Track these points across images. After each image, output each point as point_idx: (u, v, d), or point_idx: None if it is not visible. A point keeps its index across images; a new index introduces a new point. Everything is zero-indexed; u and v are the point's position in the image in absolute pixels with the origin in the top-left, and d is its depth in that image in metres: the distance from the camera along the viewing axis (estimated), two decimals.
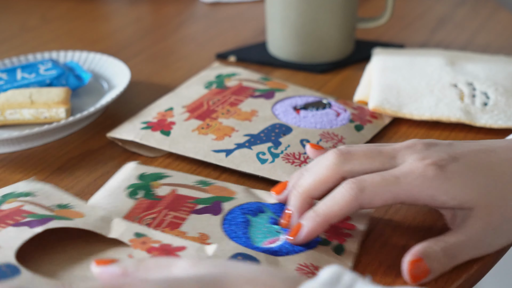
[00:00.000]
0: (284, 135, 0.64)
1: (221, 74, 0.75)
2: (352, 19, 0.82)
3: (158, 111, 0.69)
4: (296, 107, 0.69)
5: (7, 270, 0.46)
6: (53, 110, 0.70)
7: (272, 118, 0.67)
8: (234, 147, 0.63)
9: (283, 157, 0.61)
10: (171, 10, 1.05)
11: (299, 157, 0.62)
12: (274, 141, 0.63)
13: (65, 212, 0.53)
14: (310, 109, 0.69)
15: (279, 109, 0.69)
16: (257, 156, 0.62)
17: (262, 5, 1.00)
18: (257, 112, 0.68)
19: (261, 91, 0.71)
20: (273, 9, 0.81)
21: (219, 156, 0.62)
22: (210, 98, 0.70)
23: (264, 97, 0.70)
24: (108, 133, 0.67)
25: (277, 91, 0.72)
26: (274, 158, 0.61)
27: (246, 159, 0.62)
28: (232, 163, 0.62)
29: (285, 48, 0.83)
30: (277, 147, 0.63)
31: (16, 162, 0.66)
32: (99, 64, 0.80)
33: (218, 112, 0.68)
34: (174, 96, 0.72)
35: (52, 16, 1.05)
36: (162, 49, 0.92)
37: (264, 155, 0.62)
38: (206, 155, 0.63)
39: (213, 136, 0.64)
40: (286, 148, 0.63)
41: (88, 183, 0.62)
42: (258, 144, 0.63)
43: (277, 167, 0.61)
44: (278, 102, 0.70)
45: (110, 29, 1.05)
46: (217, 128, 0.65)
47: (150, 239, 0.51)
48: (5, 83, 0.75)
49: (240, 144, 0.63)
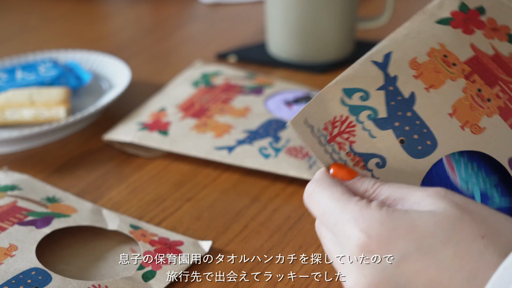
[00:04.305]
0: None
1: (206, 73, 0.76)
2: (352, 19, 0.82)
3: (150, 111, 0.69)
4: (288, 102, 0.69)
5: (36, 276, 0.46)
6: (53, 110, 0.70)
7: (267, 114, 0.67)
8: (235, 143, 0.63)
9: (286, 151, 0.62)
10: (171, 10, 1.05)
11: (300, 151, 0.62)
12: (274, 136, 0.64)
13: (58, 207, 0.54)
14: (301, 103, 0.69)
15: (271, 105, 0.69)
16: (259, 151, 0.62)
17: (262, 6, 1.00)
18: (250, 108, 0.68)
19: (250, 88, 0.72)
20: (273, 9, 0.81)
21: (222, 153, 0.62)
22: (200, 97, 0.70)
23: (254, 94, 0.71)
24: (104, 136, 0.67)
25: (265, 86, 0.72)
26: (277, 153, 0.62)
27: (249, 154, 0.62)
28: (236, 159, 0.62)
29: (285, 48, 0.83)
30: (278, 141, 0.63)
31: (16, 162, 0.66)
32: (99, 64, 0.81)
33: (212, 111, 0.68)
34: (163, 96, 0.72)
35: (52, 16, 1.05)
36: (162, 49, 0.92)
37: (266, 150, 0.62)
38: (208, 153, 0.63)
39: (213, 133, 0.65)
40: (287, 142, 0.63)
41: (88, 183, 0.63)
42: (258, 140, 0.63)
43: (282, 161, 0.61)
44: (269, 97, 0.70)
45: (110, 29, 1.05)
46: (214, 126, 0.66)
47: (147, 231, 0.52)
48: (5, 83, 0.75)
49: (241, 141, 0.63)
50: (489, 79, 0.46)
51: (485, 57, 0.47)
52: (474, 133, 0.45)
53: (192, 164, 0.64)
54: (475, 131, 0.45)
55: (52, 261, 0.51)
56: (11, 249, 0.48)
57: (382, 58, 0.44)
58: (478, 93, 0.46)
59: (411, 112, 0.43)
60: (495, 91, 0.46)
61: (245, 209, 0.58)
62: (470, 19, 0.48)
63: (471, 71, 0.46)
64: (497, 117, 0.46)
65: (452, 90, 0.45)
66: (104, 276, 0.50)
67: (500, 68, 0.47)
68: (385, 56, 0.44)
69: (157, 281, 0.48)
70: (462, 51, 0.47)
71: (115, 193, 0.61)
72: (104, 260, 0.51)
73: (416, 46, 0.46)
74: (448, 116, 0.44)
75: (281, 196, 0.59)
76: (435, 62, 0.46)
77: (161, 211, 0.58)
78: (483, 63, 0.47)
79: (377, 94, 0.43)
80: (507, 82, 0.47)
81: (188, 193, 0.61)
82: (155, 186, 0.62)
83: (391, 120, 0.43)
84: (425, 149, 0.43)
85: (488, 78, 0.46)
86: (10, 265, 0.47)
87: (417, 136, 0.43)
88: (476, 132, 0.45)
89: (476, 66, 0.47)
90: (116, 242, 0.53)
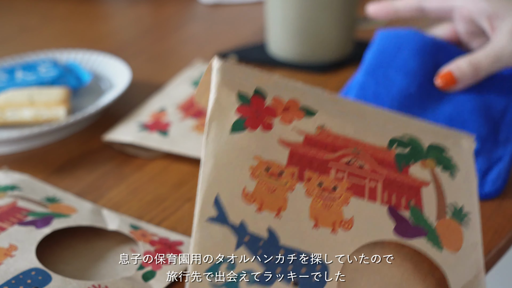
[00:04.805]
0: None
1: None
2: (352, 19, 0.82)
3: (150, 112, 0.69)
4: None
5: (36, 276, 0.46)
6: (53, 110, 0.70)
7: None
8: None
9: None
10: (171, 10, 1.05)
11: None
12: None
13: (58, 208, 0.54)
14: None
15: None
16: None
17: (262, 6, 1.00)
18: None
19: None
20: (273, 9, 0.81)
21: None
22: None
23: None
24: (104, 136, 0.67)
25: None
26: None
27: None
28: None
29: (285, 48, 0.83)
30: None
31: (16, 162, 0.66)
32: (99, 64, 0.80)
33: None
34: (163, 96, 0.72)
35: (52, 16, 1.05)
36: (162, 49, 0.92)
37: None
38: None
39: None
40: None
41: (88, 183, 0.62)
42: None
43: None
44: None
45: (110, 29, 1.05)
46: None
47: (147, 231, 0.52)
48: (5, 83, 0.75)
49: None
50: (320, 167, 0.43)
51: (300, 147, 0.43)
52: (347, 230, 0.41)
53: (192, 164, 0.64)
54: (346, 227, 0.41)
55: (52, 261, 0.51)
56: (11, 249, 0.48)
57: (214, 209, 0.39)
58: (321, 188, 0.42)
59: (282, 249, 0.39)
60: (332, 176, 0.43)
61: None
62: (258, 111, 0.43)
63: (300, 169, 0.42)
64: (354, 200, 0.42)
65: (299, 201, 0.41)
66: (104, 276, 0.50)
67: (320, 150, 0.43)
68: (215, 206, 0.39)
69: (157, 281, 0.48)
70: (277, 154, 0.42)
71: (115, 193, 0.61)
72: (104, 260, 0.51)
73: (234, 175, 0.41)
74: (314, 230, 0.40)
75: None
76: (265, 181, 0.41)
77: (161, 211, 0.58)
78: (303, 155, 0.43)
79: (240, 253, 0.38)
80: (336, 159, 0.43)
81: (188, 193, 0.61)
82: (155, 186, 0.62)
83: (271, 270, 0.39)
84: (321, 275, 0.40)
85: (319, 167, 0.43)
86: (10, 265, 0.47)
87: (305, 269, 0.40)
88: (348, 227, 0.41)
89: (300, 162, 0.43)
90: (116, 242, 0.53)
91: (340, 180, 0.43)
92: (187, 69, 0.78)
